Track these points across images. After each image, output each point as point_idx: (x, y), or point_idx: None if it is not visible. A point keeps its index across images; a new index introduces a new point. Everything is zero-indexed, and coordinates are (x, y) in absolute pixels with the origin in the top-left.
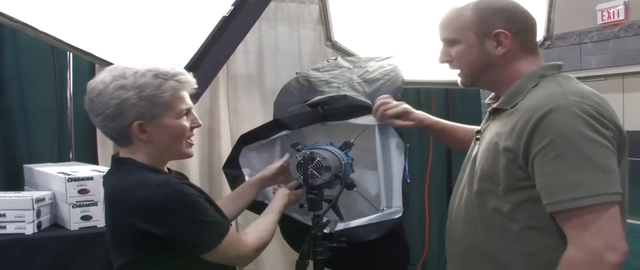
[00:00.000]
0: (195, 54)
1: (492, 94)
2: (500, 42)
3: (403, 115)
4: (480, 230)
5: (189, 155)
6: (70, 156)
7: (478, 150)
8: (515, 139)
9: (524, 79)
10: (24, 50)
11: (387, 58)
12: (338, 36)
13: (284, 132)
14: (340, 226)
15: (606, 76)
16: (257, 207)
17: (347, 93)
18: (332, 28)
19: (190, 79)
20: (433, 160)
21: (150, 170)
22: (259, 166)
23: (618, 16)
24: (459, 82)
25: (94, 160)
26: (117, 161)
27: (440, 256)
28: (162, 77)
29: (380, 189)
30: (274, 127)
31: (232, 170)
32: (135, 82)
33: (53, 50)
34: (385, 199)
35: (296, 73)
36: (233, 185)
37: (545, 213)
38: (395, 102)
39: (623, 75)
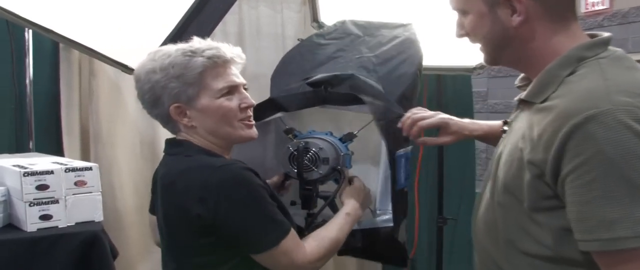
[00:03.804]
0: (171, 32)
1: (522, 74)
2: (514, 8)
3: (440, 128)
4: (502, 248)
5: (249, 137)
6: (30, 146)
7: (503, 149)
8: (542, 150)
9: (555, 63)
10: None
11: (403, 26)
12: (325, 17)
13: (279, 114)
14: None
15: None
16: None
17: (355, 72)
18: (318, 8)
19: (225, 52)
20: (424, 150)
21: (208, 154)
22: (249, 154)
23: (602, 5)
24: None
25: (58, 151)
26: (172, 144)
27: (430, 253)
28: (190, 54)
29: (377, 189)
30: (268, 107)
31: None
32: (163, 62)
33: (9, 28)
34: (380, 201)
35: (298, 39)
36: None
37: None
38: (429, 112)
39: None
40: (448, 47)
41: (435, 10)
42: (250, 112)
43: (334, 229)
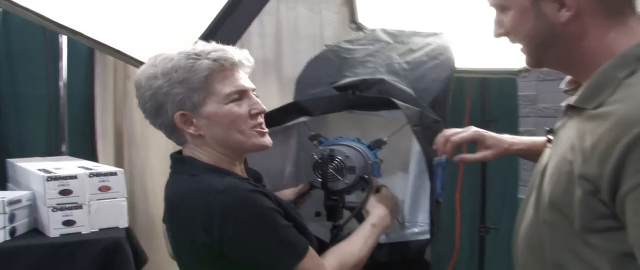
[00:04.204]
0: (203, 33)
1: (569, 77)
2: (562, 2)
3: (476, 142)
4: None
5: (262, 146)
6: (63, 150)
7: (549, 161)
8: (596, 163)
9: (611, 63)
10: (16, 33)
11: (435, 34)
12: (363, 18)
13: (303, 119)
14: None
15: None
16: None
17: (384, 77)
18: (356, 9)
19: (232, 55)
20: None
21: (214, 172)
22: (269, 160)
23: None
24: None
25: (92, 154)
26: (175, 161)
27: (470, 261)
28: (194, 57)
29: (405, 200)
30: (291, 110)
31: None
32: (165, 67)
33: (45, 33)
34: (409, 212)
35: (325, 46)
36: None
37: None
38: (461, 129)
39: None
40: (492, 49)
41: (477, 10)
42: (262, 119)
43: (357, 243)
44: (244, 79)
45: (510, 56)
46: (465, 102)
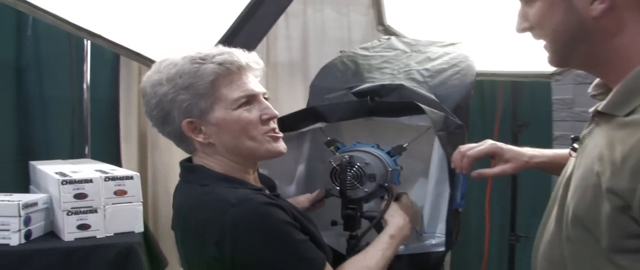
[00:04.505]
0: (222, 37)
1: (597, 79)
2: None
3: (494, 156)
4: None
5: (277, 152)
6: (86, 152)
7: (573, 171)
8: (628, 177)
9: None
10: (44, 37)
11: (453, 44)
12: (391, 20)
13: (318, 125)
14: None
15: None
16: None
17: (403, 82)
18: (384, 10)
19: (239, 58)
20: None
21: (226, 181)
22: (280, 166)
23: None
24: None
25: (115, 157)
26: (185, 169)
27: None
28: (199, 61)
29: (424, 209)
30: (307, 116)
31: None
32: (169, 72)
33: (70, 37)
34: (428, 222)
35: (340, 52)
36: None
37: None
38: (476, 144)
39: None
40: (523, 51)
41: (508, 12)
42: (275, 124)
43: (375, 256)
44: (253, 83)
45: (542, 59)
46: (497, 106)
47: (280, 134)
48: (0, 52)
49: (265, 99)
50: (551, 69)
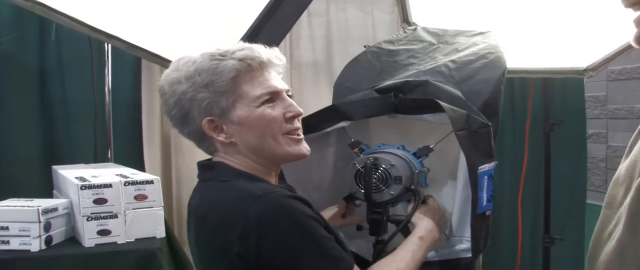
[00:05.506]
0: (244, 35)
1: None
2: None
3: None
4: None
5: (299, 155)
6: (109, 156)
7: None
8: None
9: None
10: (66, 41)
11: (482, 33)
12: (416, 17)
13: (342, 124)
14: None
15: None
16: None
17: (429, 79)
18: (409, 8)
19: (260, 53)
20: (528, 162)
21: (247, 177)
22: (302, 171)
23: None
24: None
25: (139, 160)
26: (204, 167)
27: None
28: (219, 57)
29: (453, 212)
30: (329, 115)
31: None
32: (188, 70)
33: (90, 39)
34: (457, 225)
35: (364, 46)
36: None
37: None
38: None
39: None
40: (555, 46)
41: (538, 7)
42: (299, 124)
43: (405, 258)
44: (275, 80)
45: (574, 54)
46: (527, 104)
47: (302, 136)
48: (23, 57)
49: (289, 96)
50: (584, 64)
